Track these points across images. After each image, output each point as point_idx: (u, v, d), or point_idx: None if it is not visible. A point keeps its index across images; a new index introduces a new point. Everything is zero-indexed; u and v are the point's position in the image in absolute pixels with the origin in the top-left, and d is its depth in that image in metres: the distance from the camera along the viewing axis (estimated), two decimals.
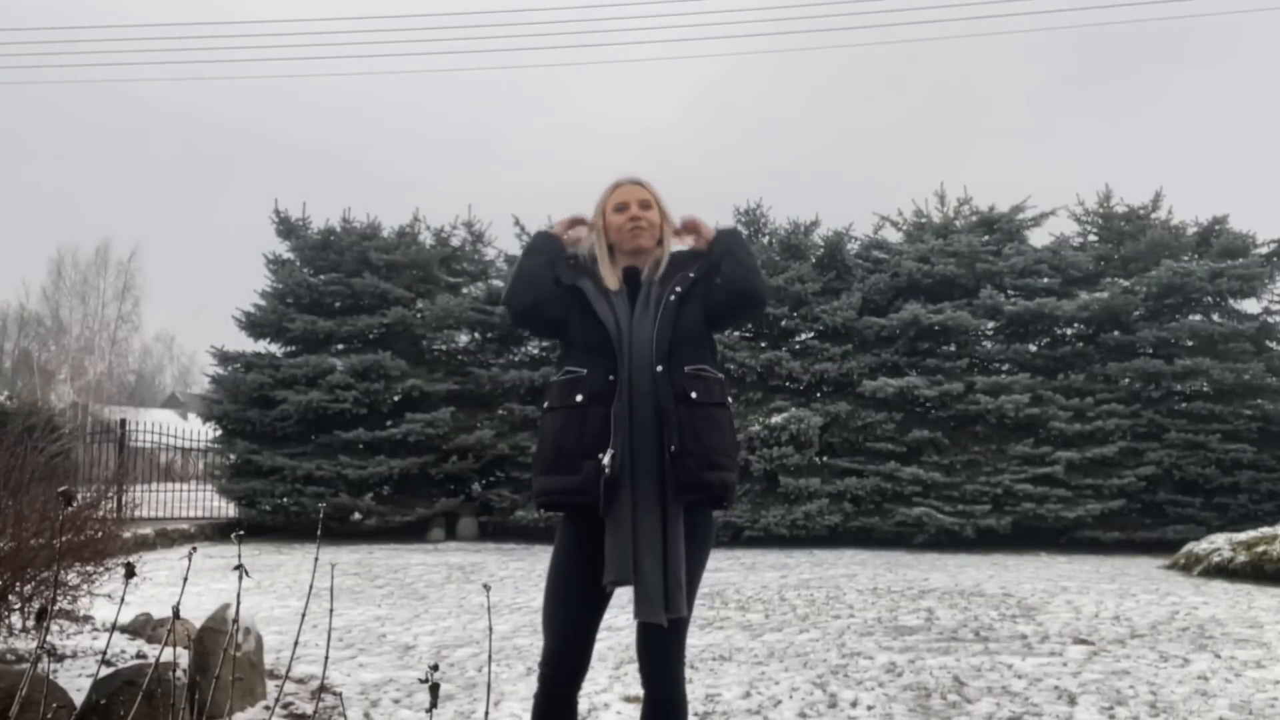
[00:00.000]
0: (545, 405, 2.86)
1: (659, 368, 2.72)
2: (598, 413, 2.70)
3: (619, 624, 5.71)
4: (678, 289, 2.83)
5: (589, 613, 2.74)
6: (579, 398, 2.73)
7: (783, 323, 15.28)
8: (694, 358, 2.78)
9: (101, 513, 5.72)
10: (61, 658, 4.80)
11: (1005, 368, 15.15)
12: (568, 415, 2.74)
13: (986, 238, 15.43)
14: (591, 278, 2.89)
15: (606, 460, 2.63)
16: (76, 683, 4.11)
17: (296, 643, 2.80)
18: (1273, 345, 14.97)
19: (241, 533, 2.94)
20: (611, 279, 2.89)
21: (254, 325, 15.80)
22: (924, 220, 16.12)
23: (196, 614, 4.92)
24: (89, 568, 5.26)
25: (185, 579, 2.29)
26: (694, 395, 2.73)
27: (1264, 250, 14.93)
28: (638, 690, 4.85)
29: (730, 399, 2.93)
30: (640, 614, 2.62)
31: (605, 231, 2.95)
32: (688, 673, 5.43)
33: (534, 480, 2.84)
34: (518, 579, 9.92)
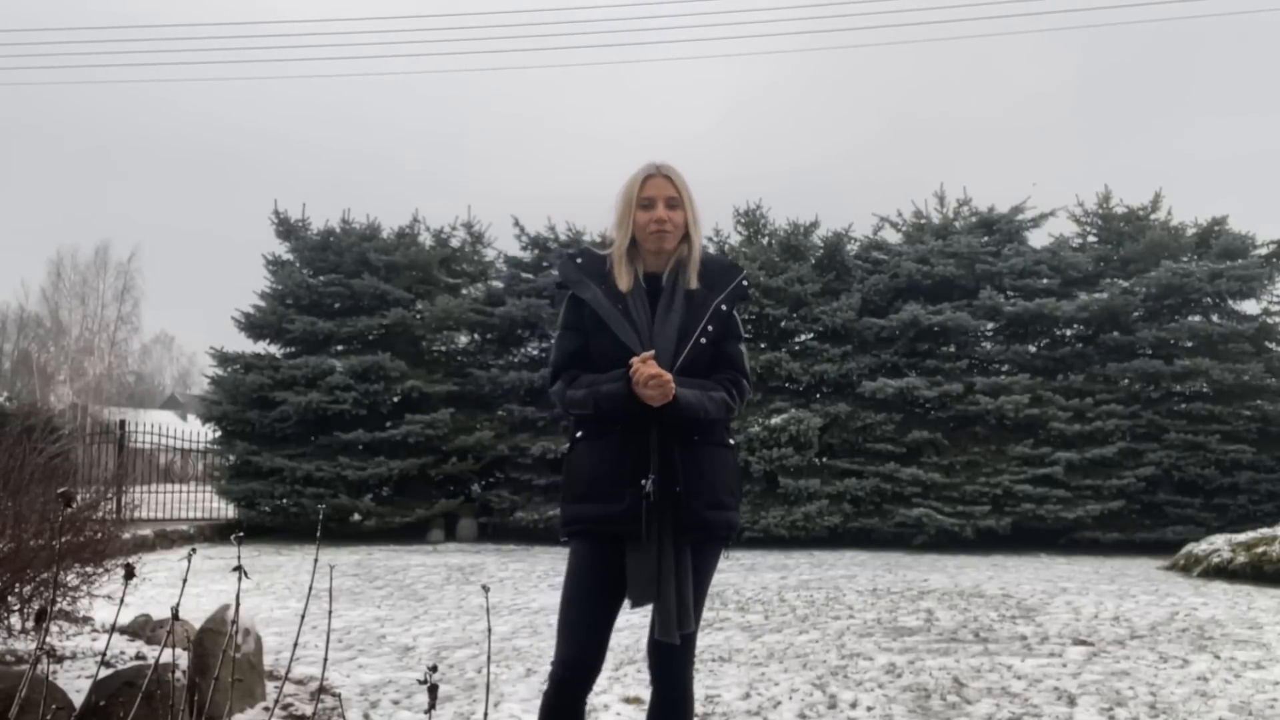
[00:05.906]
0: (578, 434, 2.79)
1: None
2: (634, 437, 2.67)
3: (619, 625, 5.69)
4: (710, 328, 2.76)
5: (607, 623, 2.77)
6: (618, 425, 2.69)
7: (782, 324, 15.28)
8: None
9: (101, 514, 5.73)
10: (61, 659, 4.80)
11: (1005, 368, 15.15)
12: (605, 444, 2.71)
13: (986, 239, 15.44)
14: (602, 279, 2.78)
15: (649, 487, 2.62)
16: (76, 684, 4.11)
17: (296, 644, 2.80)
18: (1272, 346, 14.98)
19: (241, 534, 2.95)
20: (624, 278, 2.77)
21: (253, 326, 15.80)
22: (923, 221, 16.12)
23: (196, 615, 4.92)
24: (88, 569, 5.27)
25: (185, 580, 2.29)
26: (695, 438, 2.71)
27: (1263, 251, 14.95)
28: (638, 691, 4.87)
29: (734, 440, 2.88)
30: (661, 634, 2.66)
31: (631, 225, 2.80)
32: None
33: (565, 508, 2.79)
34: (517, 580, 9.92)
